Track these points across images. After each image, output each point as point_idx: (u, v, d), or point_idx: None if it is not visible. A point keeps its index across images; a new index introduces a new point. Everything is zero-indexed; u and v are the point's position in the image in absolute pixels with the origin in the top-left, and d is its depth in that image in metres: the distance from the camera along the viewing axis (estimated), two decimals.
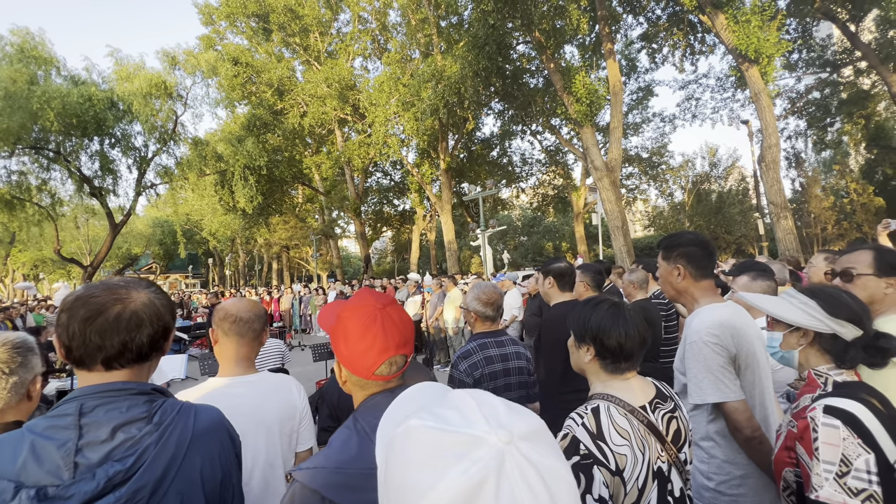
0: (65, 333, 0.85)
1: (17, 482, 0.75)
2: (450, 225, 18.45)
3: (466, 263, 37.88)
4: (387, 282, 11.84)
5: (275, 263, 39.91)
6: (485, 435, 0.47)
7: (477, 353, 2.01)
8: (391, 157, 18.25)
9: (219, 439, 0.97)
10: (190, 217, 26.53)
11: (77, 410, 0.82)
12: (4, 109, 13.64)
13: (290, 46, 21.67)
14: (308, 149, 23.09)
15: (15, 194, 16.34)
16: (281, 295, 15.47)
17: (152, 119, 16.89)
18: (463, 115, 17.90)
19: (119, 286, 0.90)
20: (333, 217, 27.65)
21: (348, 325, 0.92)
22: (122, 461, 0.81)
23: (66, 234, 26.12)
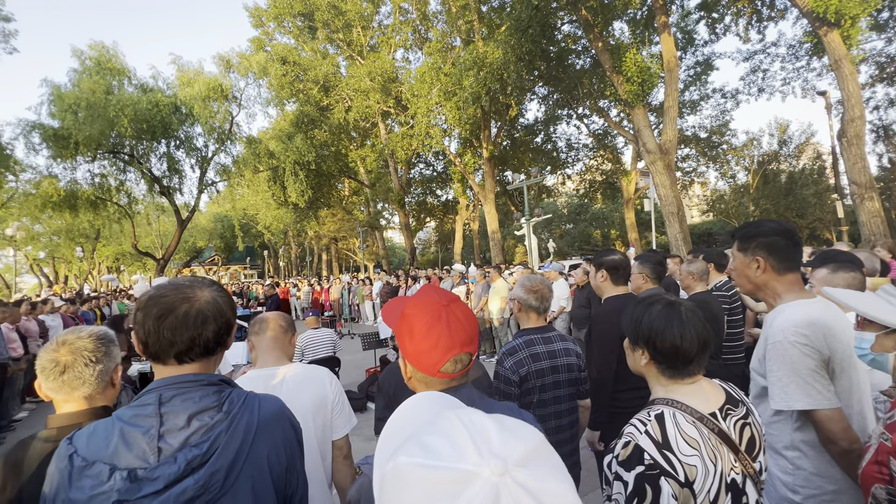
0: (141, 330, 0.92)
1: (111, 465, 0.83)
2: (493, 214, 18.25)
3: (510, 253, 37.43)
4: (431, 272, 11.95)
5: (324, 255, 41.56)
6: (476, 469, 0.42)
7: (522, 349, 1.96)
8: (434, 147, 18.26)
9: (282, 427, 1.02)
10: (246, 212, 28.14)
11: (157, 400, 0.90)
12: (87, 119, 15.08)
13: (334, 43, 22.16)
14: (353, 142, 23.65)
15: (98, 195, 18.09)
16: (330, 285, 16.10)
17: (211, 121, 18.03)
18: (505, 102, 17.52)
19: (185, 285, 0.96)
20: (378, 209, 28.27)
21: (413, 323, 0.93)
22: (198, 446, 0.87)
23: (141, 230, 28.64)
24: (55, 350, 1.21)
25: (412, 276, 11.86)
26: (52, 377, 1.18)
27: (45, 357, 1.20)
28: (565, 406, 1.98)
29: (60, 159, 16.17)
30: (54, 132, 15.53)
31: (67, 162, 16.50)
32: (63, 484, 0.83)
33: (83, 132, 15.00)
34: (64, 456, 0.86)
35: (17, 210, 18.89)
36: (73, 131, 15.05)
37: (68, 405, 1.20)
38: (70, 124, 15.13)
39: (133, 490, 0.81)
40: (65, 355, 1.20)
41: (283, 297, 16.24)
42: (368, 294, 13.61)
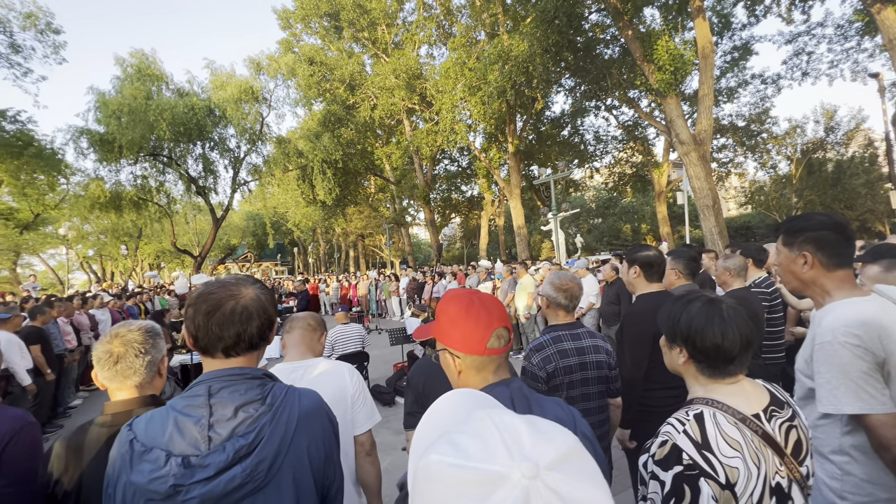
0: (192, 325, 0.97)
1: (167, 451, 0.89)
2: (519, 209, 18.08)
3: (537, 248, 36.99)
4: (457, 268, 11.96)
5: (351, 251, 42.32)
6: (507, 470, 0.42)
7: (550, 346, 1.94)
8: (458, 143, 18.23)
9: (320, 420, 1.06)
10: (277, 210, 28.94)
11: (207, 392, 0.95)
12: (129, 123, 15.88)
13: (359, 41, 22.42)
14: (378, 140, 23.91)
15: (140, 195, 19.06)
16: (358, 281, 16.39)
17: (243, 122, 18.64)
18: (531, 95, 17.26)
19: (231, 283, 1.02)
20: (404, 206, 28.51)
21: (451, 312, 1.00)
22: (244, 437, 0.92)
23: (179, 228, 29.93)
24: (109, 342, 1.29)
25: (438, 272, 11.91)
26: (106, 367, 1.26)
27: (100, 349, 1.28)
28: (594, 404, 1.95)
29: (106, 162, 17.11)
30: (100, 137, 16.45)
31: (112, 165, 17.45)
32: (125, 467, 0.90)
33: (126, 136, 15.82)
34: (125, 441, 0.92)
35: (69, 211, 20.11)
36: (116, 136, 15.90)
37: (121, 393, 1.28)
38: (114, 129, 15.98)
39: (187, 475, 0.86)
40: (117, 347, 1.28)
41: (313, 292, 16.66)
42: (395, 290, 13.78)
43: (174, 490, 0.85)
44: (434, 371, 1.79)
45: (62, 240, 23.60)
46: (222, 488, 0.88)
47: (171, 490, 0.85)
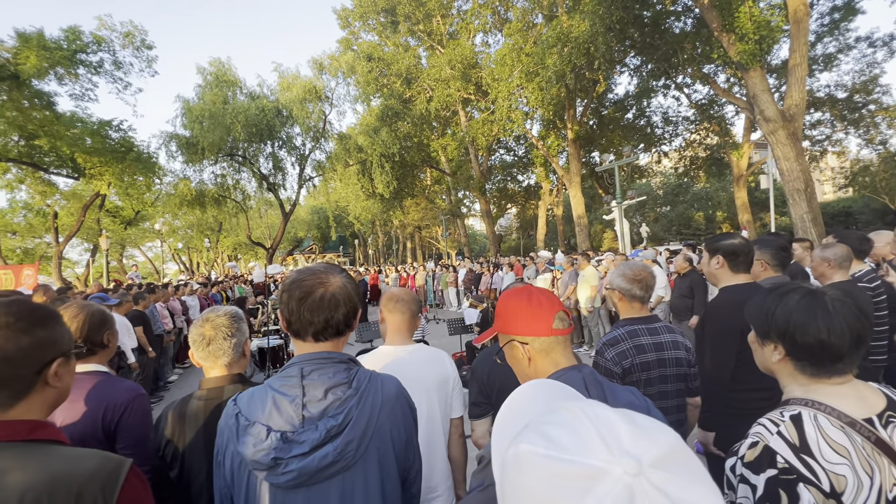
0: (286, 310, 1.04)
1: (267, 426, 0.96)
2: (579, 198, 17.39)
3: (598, 239, 35.44)
4: (514, 259, 11.81)
5: (409, 243, 43.30)
6: (606, 466, 0.39)
7: (625, 340, 1.85)
8: (515, 131, 17.86)
9: (401, 406, 1.11)
10: (338, 203, 30.37)
11: (300, 373, 1.02)
12: (210, 127, 17.41)
13: (415, 34, 22.63)
14: (434, 132, 24.10)
15: (220, 193, 20.88)
16: (416, 272, 16.76)
17: (307, 121, 19.68)
18: (592, 78, 16.42)
19: (321, 272, 1.07)
20: (459, 197, 28.58)
21: (513, 304, 1.05)
22: (334, 417, 0.98)
23: (253, 222, 32.45)
24: (201, 326, 1.43)
25: (495, 263, 11.83)
26: (200, 348, 1.40)
27: (195, 331, 1.42)
28: (672, 402, 1.84)
29: (191, 163, 18.94)
30: (186, 140, 18.22)
31: (196, 166, 19.27)
32: (232, 438, 0.99)
33: (207, 139, 17.37)
34: (231, 415, 1.01)
35: (162, 208, 22.58)
36: (199, 139, 17.51)
37: (214, 371, 1.42)
38: (197, 133, 17.62)
39: (285, 450, 0.94)
40: (209, 330, 1.41)
41: (373, 282, 17.34)
42: (452, 281, 13.92)
43: (275, 462, 0.93)
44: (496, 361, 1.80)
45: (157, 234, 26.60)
46: (316, 464, 0.94)
47: (272, 462, 0.93)
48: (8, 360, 0.76)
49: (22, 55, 12.66)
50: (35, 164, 16.02)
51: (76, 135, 14.83)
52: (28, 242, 25.55)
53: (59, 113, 14.59)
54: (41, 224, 23.28)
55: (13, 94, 13.42)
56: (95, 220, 21.56)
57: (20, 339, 0.78)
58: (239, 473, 0.99)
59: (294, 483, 0.95)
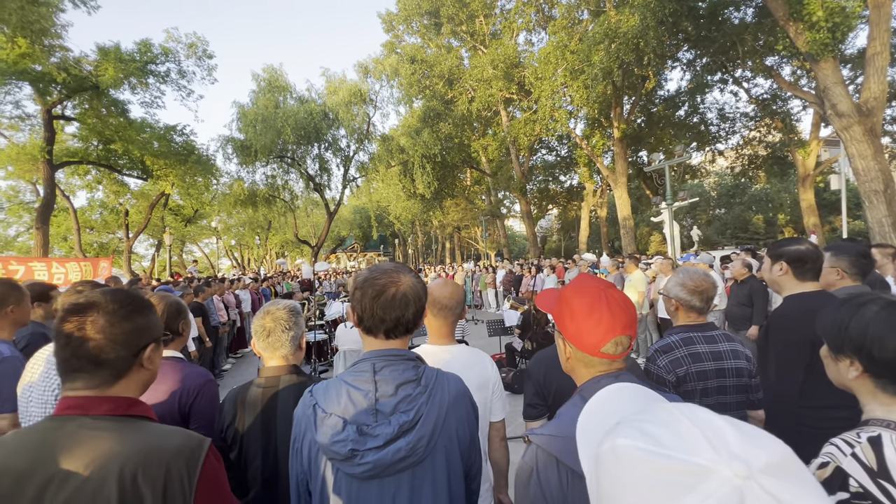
0: (359, 306, 1.08)
1: (343, 418, 1.00)
2: (625, 199, 16.77)
3: (644, 241, 34.00)
4: (556, 261, 11.56)
5: (448, 243, 43.53)
6: (713, 465, 0.39)
7: (679, 348, 1.77)
8: (558, 131, 17.50)
9: (465, 405, 1.12)
10: (380, 204, 31.04)
11: (372, 369, 1.05)
12: (262, 130, 18.36)
13: (457, 35, 22.72)
14: (475, 133, 24.08)
15: (270, 193, 21.95)
16: (455, 272, 16.81)
17: (352, 123, 20.30)
18: (641, 74, 15.78)
19: (392, 271, 1.10)
20: (499, 197, 28.38)
21: (574, 304, 0.95)
22: (406, 413, 1.01)
23: (300, 221, 33.80)
24: (262, 318, 1.51)
25: (536, 265, 11.65)
26: (261, 339, 1.48)
27: (257, 323, 1.51)
28: (732, 415, 1.73)
29: (245, 165, 20.04)
30: (241, 143, 19.31)
31: (249, 167, 20.37)
32: (309, 427, 1.04)
33: (260, 142, 18.33)
34: (308, 405, 1.06)
35: (218, 207, 24.06)
36: (253, 142, 18.52)
37: (272, 361, 1.50)
38: (251, 136, 18.63)
39: (361, 442, 0.97)
40: (269, 322, 1.49)
41: None
42: (491, 282, 13.84)
43: (352, 453, 0.97)
44: (555, 363, 1.77)
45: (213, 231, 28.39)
46: (390, 458, 0.97)
47: (349, 453, 0.97)
48: (112, 342, 0.86)
49: (101, 67, 13.92)
50: (110, 166, 17.56)
51: (145, 139, 16.11)
52: (103, 237, 28.02)
53: (132, 119, 15.90)
54: (114, 221, 25.46)
55: (94, 103, 14.78)
56: (160, 217, 23.33)
57: (123, 324, 0.87)
58: (316, 461, 1.04)
59: (369, 475, 0.98)
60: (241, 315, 9.11)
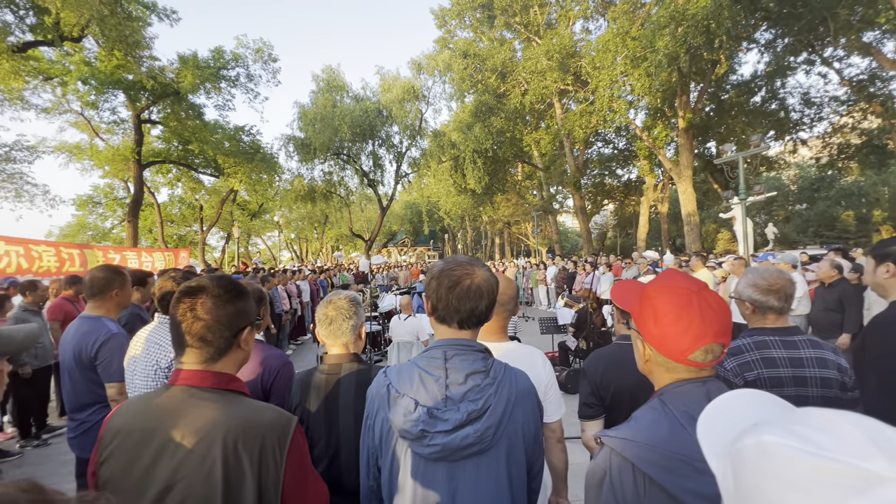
0: (434, 296, 1.10)
1: (415, 400, 1.04)
2: (689, 194, 15.68)
3: (710, 239, 31.68)
4: (613, 258, 11.09)
5: (497, 238, 43.18)
6: (888, 473, 0.37)
7: (751, 351, 1.62)
8: (616, 122, 16.68)
9: (531, 402, 1.13)
10: (430, 199, 31.41)
11: (443, 356, 1.08)
12: (321, 129, 19.23)
13: (511, 28, 22.34)
14: (527, 126, 23.62)
15: (327, 189, 22.96)
16: (505, 268, 16.66)
17: (405, 120, 20.67)
18: (711, 59, 14.63)
19: (466, 263, 1.12)
20: (552, 192, 27.67)
21: (658, 305, 0.90)
22: (475, 402, 1.02)
23: (354, 216, 35.11)
24: (325, 307, 1.57)
25: (591, 262, 11.24)
26: (324, 326, 1.56)
27: (321, 311, 1.58)
28: None
29: (305, 162, 21.11)
30: (301, 142, 20.35)
31: (309, 164, 21.43)
32: (383, 405, 1.09)
33: (319, 140, 19.21)
34: (383, 384, 1.11)
35: (280, 202, 25.60)
36: (312, 140, 19.45)
37: (335, 349, 1.57)
38: (310, 135, 19.58)
39: (431, 424, 1.00)
40: (331, 311, 1.56)
41: None
42: (543, 279, 13.56)
43: (422, 434, 1.00)
44: (613, 362, 1.70)
45: (275, 225, 30.23)
46: (458, 443, 1.00)
47: (420, 433, 1.01)
48: (218, 323, 0.96)
49: (181, 74, 15.24)
50: (188, 164, 19.23)
51: (218, 139, 17.45)
52: (181, 230, 30.80)
53: (206, 121, 17.29)
54: (191, 215, 27.88)
55: (175, 107, 16.23)
56: (229, 212, 25.21)
57: (226, 307, 0.97)
58: (387, 438, 1.08)
59: (437, 456, 1.02)
60: (302, 304, 9.63)
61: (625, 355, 1.68)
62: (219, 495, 0.86)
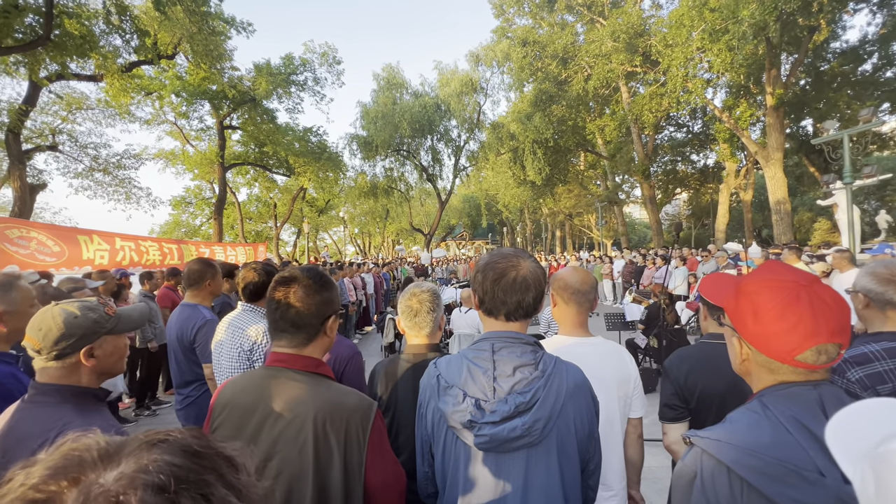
0: (480, 289, 1.11)
1: (463, 391, 1.05)
2: (779, 179, 14.07)
3: (804, 229, 28.27)
4: (687, 251, 10.30)
5: (558, 231, 41.89)
6: None
7: (882, 360, 1.41)
8: (691, 104, 15.37)
9: (585, 396, 1.09)
10: (488, 192, 31.20)
11: (491, 348, 1.08)
12: (382, 127, 19.85)
13: (573, 10, 21.37)
14: (591, 113, 22.57)
15: (389, 184, 23.69)
16: (567, 261, 16.13)
17: (463, 113, 20.68)
18: (808, 25, 12.92)
19: (511, 255, 1.11)
20: (617, 182, 26.25)
21: (759, 301, 0.81)
22: (523, 395, 1.01)
23: (414, 210, 35.89)
24: (409, 299, 1.61)
25: (662, 255, 10.52)
26: (408, 318, 1.60)
27: (404, 303, 1.62)
28: None
29: (367, 159, 21.93)
30: (364, 140, 21.15)
31: (371, 161, 22.24)
32: (433, 395, 1.11)
33: (380, 137, 19.86)
34: (433, 375, 1.13)
35: (345, 198, 26.89)
36: (374, 137, 20.14)
37: (416, 339, 1.61)
38: (372, 132, 20.29)
39: (479, 415, 1.01)
40: (416, 304, 1.59)
41: None
42: (608, 273, 12.95)
43: (470, 424, 1.01)
44: (699, 363, 1.59)
45: (341, 220, 31.80)
46: (506, 434, 0.99)
47: (468, 423, 1.01)
48: (308, 310, 1.03)
49: (256, 82, 16.47)
50: (264, 165, 20.79)
51: (289, 141, 18.66)
52: (258, 226, 33.48)
53: (279, 125, 18.54)
54: (266, 212, 30.17)
55: (251, 113, 17.59)
56: (300, 209, 26.91)
57: (315, 296, 1.04)
58: (439, 427, 1.10)
59: (485, 447, 1.02)
60: (366, 296, 10.04)
61: (713, 355, 1.57)
62: (310, 470, 0.92)
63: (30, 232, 5.66)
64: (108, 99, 13.35)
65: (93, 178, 14.34)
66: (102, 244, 6.68)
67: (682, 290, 8.92)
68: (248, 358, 2.01)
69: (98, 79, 10.98)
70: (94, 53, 9.48)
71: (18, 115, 9.28)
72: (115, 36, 10.19)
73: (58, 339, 1.04)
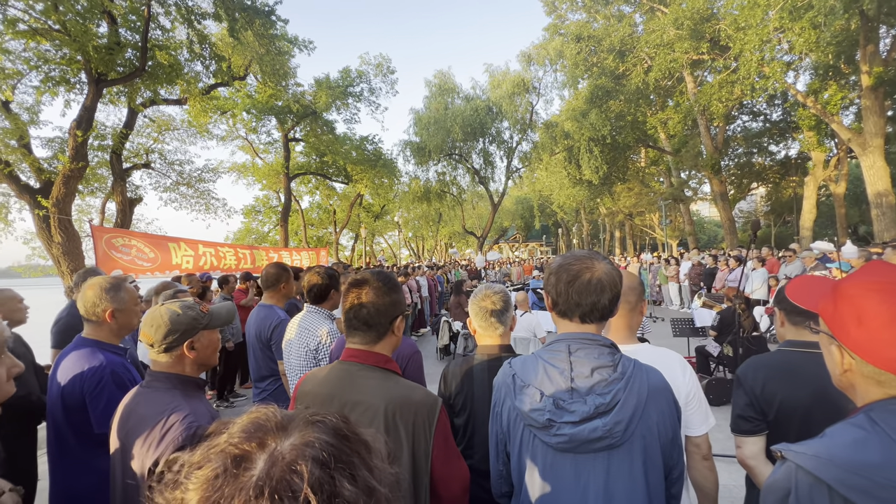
0: (553, 291, 1.11)
1: (540, 390, 1.05)
2: (880, 168, 12.45)
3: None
4: (766, 252, 9.41)
5: (617, 232, 40.04)
6: None
7: None
8: (769, 90, 14.05)
9: (667, 400, 1.06)
10: (542, 193, 30.56)
11: (567, 349, 1.07)
12: (434, 132, 20.19)
13: (630, 1, 20.43)
14: (652, 107, 21.38)
15: (441, 188, 24.01)
16: (628, 264, 15.37)
17: (515, 114, 20.48)
18: None
19: (585, 257, 1.10)
20: (683, 178, 24.58)
21: (865, 304, 0.75)
22: (602, 396, 1.00)
23: (466, 213, 36.06)
24: (482, 301, 1.63)
25: (734, 256, 9.70)
26: (481, 319, 1.62)
27: (476, 305, 1.64)
28: None
29: (420, 165, 22.40)
30: (417, 146, 21.64)
31: (424, 166, 22.67)
32: (509, 394, 1.12)
33: (432, 142, 20.21)
34: (508, 374, 1.14)
35: (399, 203, 27.64)
36: (426, 143, 20.54)
37: (488, 339, 1.63)
38: (425, 138, 20.70)
39: (558, 414, 1.01)
40: (489, 305, 1.62)
41: None
42: (674, 275, 12.16)
43: (549, 423, 1.01)
44: (778, 371, 1.45)
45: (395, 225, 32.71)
46: (586, 435, 0.99)
47: (546, 422, 1.01)
48: (378, 310, 1.11)
49: (317, 96, 17.45)
50: (324, 174, 21.94)
51: (347, 150, 19.55)
52: (319, 232, 35.37)
53: (337, 135, 19.49)
54: (326, 218, 31.78)
55: (313, 125, 18.67)
56: (357, 214, 28.06)
57: (384, 297, 1.11)
58: (514, 425, 1.11)
59: (564, 447, 1.01)
60: (421, 298, 10.23)
61: (793, 363, 1.44)
62: None
63: (130, 240, 6.43)
64: (190, 119, 14.82)
65: (178, 191, 15.97)
66: (188, 250, 7.43)
67: (761, 294, 8.16)
68: (315, 357, 2.15)
69: (183, 102, 12.25)
70: (180, 80, 10.58)
71: (120, 138, 10.57)
72: (197, 63, 11.29)
73: (166, 334, 1.20)
